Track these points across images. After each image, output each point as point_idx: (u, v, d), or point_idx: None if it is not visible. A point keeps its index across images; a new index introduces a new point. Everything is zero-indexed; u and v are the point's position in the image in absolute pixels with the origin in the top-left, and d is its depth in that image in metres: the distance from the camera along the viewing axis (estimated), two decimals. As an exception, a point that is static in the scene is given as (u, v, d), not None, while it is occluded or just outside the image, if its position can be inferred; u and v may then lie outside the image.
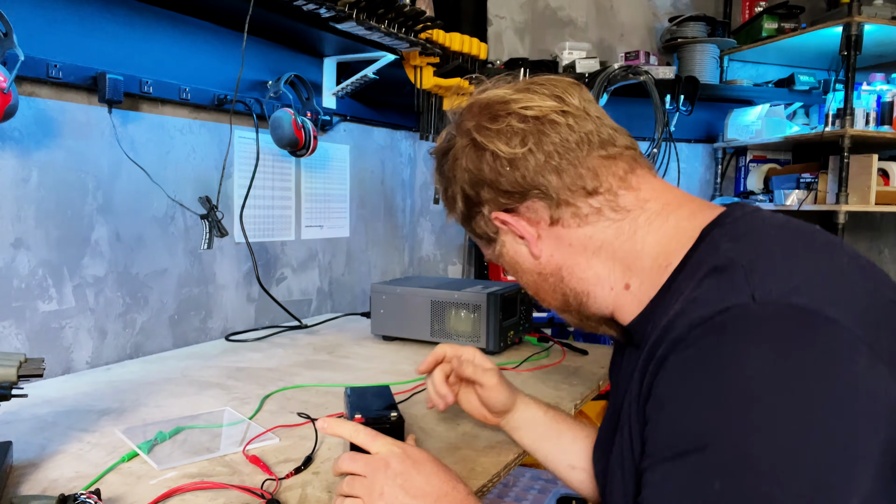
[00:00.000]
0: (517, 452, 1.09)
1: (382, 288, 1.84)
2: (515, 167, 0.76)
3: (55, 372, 1.50)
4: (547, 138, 0.75)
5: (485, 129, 0.78)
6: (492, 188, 0.78)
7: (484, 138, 0.78)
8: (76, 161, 1.53)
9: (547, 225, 0.78)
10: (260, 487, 0.93)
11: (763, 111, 3.07)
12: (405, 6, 1.81)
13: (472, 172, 0.80)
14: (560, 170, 0.75)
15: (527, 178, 0.76)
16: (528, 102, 0.77)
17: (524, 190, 0.77)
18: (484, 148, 0.78)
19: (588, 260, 0.78)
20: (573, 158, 0.75)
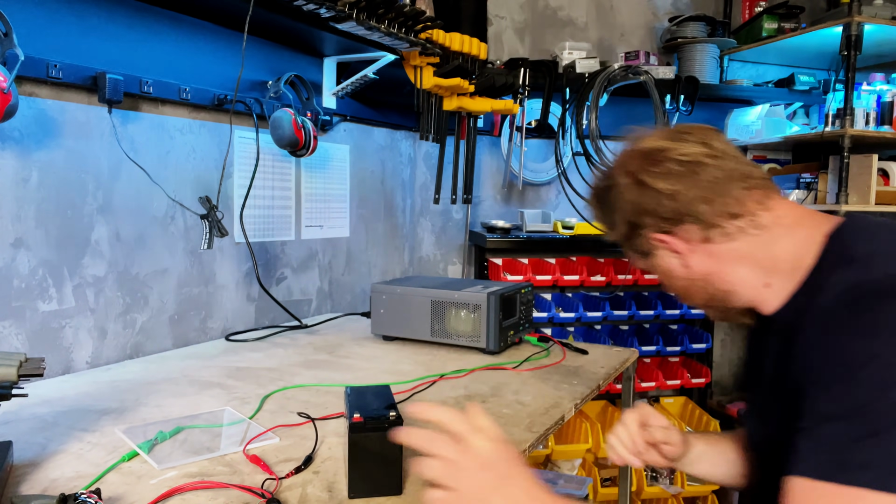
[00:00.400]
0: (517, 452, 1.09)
1: (382, 288, 1.84)
2: (674, 200, 0.96)
3: (55, 372, 1.50)
4: (699, 177, 0.95)
5: (647, 171, 0.99)
6: (653, 216, 0.99)
7: (648, 178, 0.98)
8: (76, 161, 1.53)
9: (699, 242, 0.98)
10: (260, 487, 0.93)
11: (763, 111, 3.06)
12: (405, 6, 1.81)
13: (636, 204, 1.01)
14: (710, 201, 0.95)
15: (683, 208, 0.96)
16: (682, 149, 0.98)
17: (680, 217, 0.97)
18: (648, 186, 0.99)
19: (733, 267, 0.98)
20: (720, 191, 0.95)
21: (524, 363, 1.65)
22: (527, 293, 1.87)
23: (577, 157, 2.81)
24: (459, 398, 1.37)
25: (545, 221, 2.79)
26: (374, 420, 0.92)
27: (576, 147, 2.79)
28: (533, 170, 3.04)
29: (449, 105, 2.31)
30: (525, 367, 1.62)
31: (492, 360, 1.66)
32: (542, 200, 3.15)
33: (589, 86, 2.71)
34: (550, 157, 3.03)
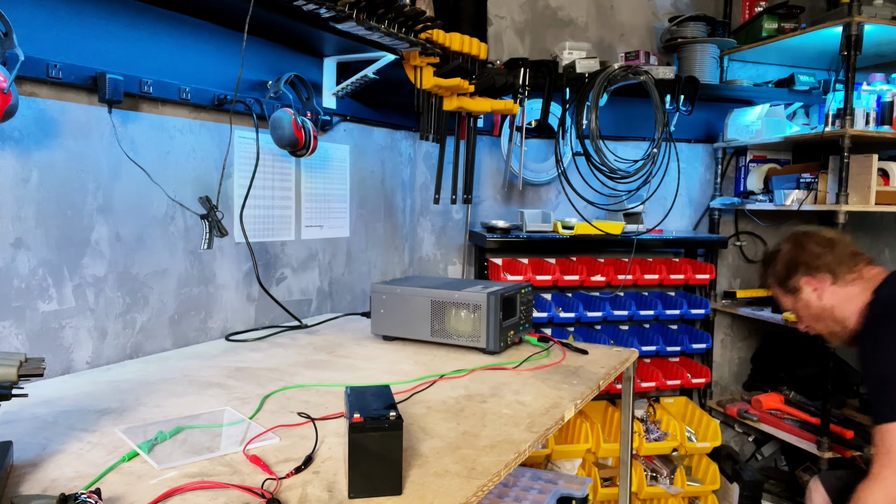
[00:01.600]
0: (517, 452, 1.09)
1: (382, 288, 1.84)
2: (818, 258, 1.85)
3: (55, 372, 1.50)
4: (834, 249, 1.86)
5: (805, 239, 1.91)
6: (805, 266, 1.88)
7: (806, 243, 1.90)
8: (76, 161, 1.53)
9: (829, 285, 1.85)
10: (260, 487, 0.93)
11: (763, 111, 3.06)
12: (405, 6, 1.81)
13: (795, 258, 1.90)
14: (839, 263, 1.84)
15: (822, 264, 1.85)
16: (824, 233, 1.92)
17: (820, 268, 1.86)
18: (804, 248, 1.89)
19: (847, 303, 1.83)
20: (843, 259, 1.85)
21: (524, 363, 1.65)
22: (527, 293, 1.87)
23: (577, 157, 2.81)
24: (459, 398, 1.37)
25: (545, 221, 2.79)
26: (374, 420, 0.92)
27: (576, 147, 2.79)
28: (533, 170, 3.04)
29: (449, 105, 2.31)
30: (525, 367, 1.62)
31: (492, 360, 1.66)
32: (542, 200, 3.16)
33: (589, 86, 2.71)
34: (550, 157, 3.03)
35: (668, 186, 3.04)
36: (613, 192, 2.83)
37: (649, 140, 2.83)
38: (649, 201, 2.96)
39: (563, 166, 2.80)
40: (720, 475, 2.80)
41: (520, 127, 2.84)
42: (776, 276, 1.94)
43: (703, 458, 2.87)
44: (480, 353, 1.72)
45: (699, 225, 3.36)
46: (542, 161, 3.09)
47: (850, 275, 1.82)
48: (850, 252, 1.86)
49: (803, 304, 1.89)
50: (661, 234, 2.95)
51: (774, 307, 3.02)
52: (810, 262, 1.85)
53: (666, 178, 2.88)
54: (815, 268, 1.85)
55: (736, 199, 3.17)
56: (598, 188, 2.81)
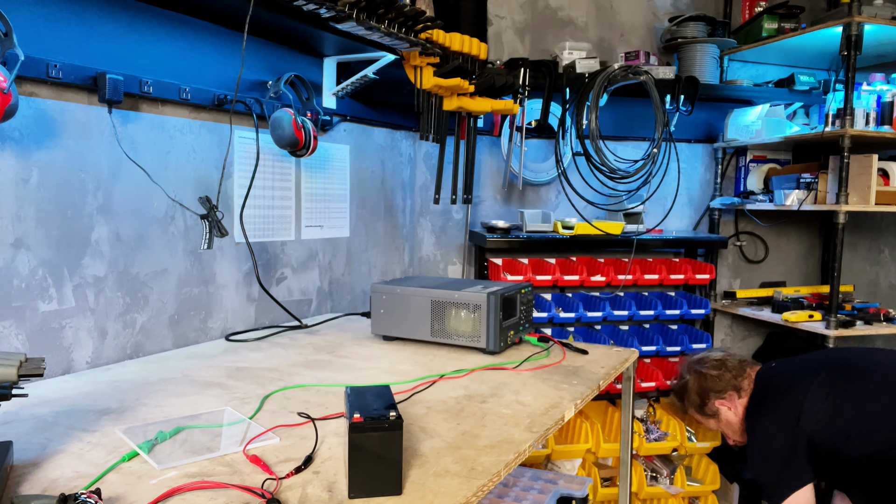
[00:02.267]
0: (517, 452, 1.09)
1: (382, 288, 1.84)
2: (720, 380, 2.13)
3: (55, 372, 1.50)
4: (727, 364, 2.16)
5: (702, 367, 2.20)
6: (713, 390, 2.14)
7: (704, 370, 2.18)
8: (76, 161, 1.53)
9: (738, 399, 2.10)
10: (260, 487, 0.93)
11: (763, 111, 3.06)
12: (405, 6, 1.81)
13: (702, 387, 2.17)
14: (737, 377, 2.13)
15: (727, 384, 2.12)
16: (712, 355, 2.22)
17: (726, 388, 2.12)
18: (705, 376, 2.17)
19: None
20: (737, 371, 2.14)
21: (524, 363, 1.65)
22: (527, 293, 1.87)
23: (577, 157, 2.81)
24: (459, 398, 1.37)
25: (545, 221, 2.79)
26: (374, 420, 0.92)
27: (576, 147, 2.79)
28: (533, 170, 3.04)
29: (449, 105, 2.31)
30: (525, 367, 1.62)
31: (492, 360, 1.66)
32: (542, 200, 3.16)
33: (589, 86, 2.71)
34: (550, 157, 3.03)
35: (668, 186, 3.04)
36: (613, 192, 2.83)
37: (649, 140, 2.83)
38: (649, 201, 2.96)
39: (563, 166, 2.80)
40: (720, 475, 2.80)
41: (520, 127, 2.84)
42: (694, 405, 2.19)
43: (703, 458, 2.87)
44: (480, 353, 1.72)
45: (699, 225, 3.36)
46: (542, 161, 3.09)
47: (745, 381, 2.09)
48: (738, 363, 2.13)
49: (725, 423, 2.14)
50: (661, 234, 2.95)
51: (774, 307, 3.02)
52: (715, 386, 2.11)
53: (666, 178, 2.88)
54: (721, 390, 2.11)
55: (736, 199, 3.17)
56: (598, 188, 2.81)
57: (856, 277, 3.44)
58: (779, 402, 1.94)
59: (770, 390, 2.01)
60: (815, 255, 3.48)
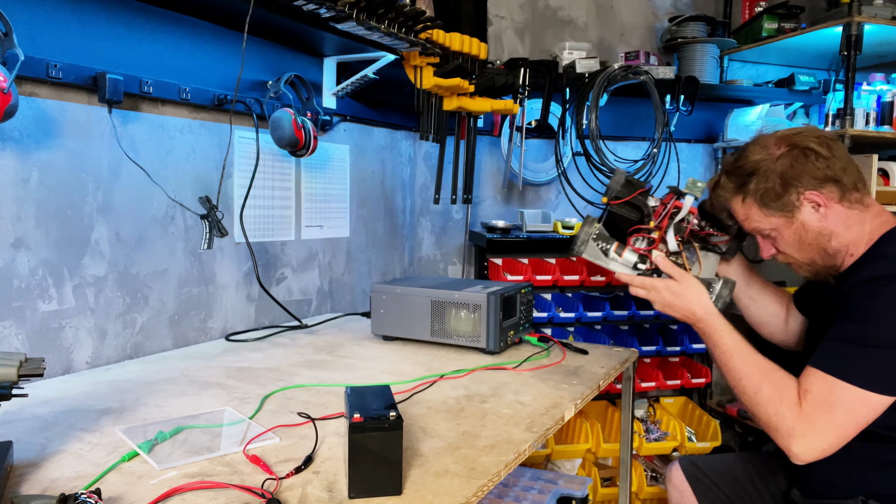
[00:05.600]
0: (517, 452, 1.09)
1: (382, 288, 1.84)
2: (826, 165, 1.37)
3: (55, 372, 1.50)
4: (836, 151, 1.38)
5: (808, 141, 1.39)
6: (808, 176, 1.38)
7: (811, 145, 1.38)
8: (76, 161, 1.53)
9: (835, 202, 1.38)
10: (260, 487, 0.93)
11: (763, 111, 3.06)
12: (405, 6, 1.81)
13: (794, 167, 1.38)
14: (847, 171, 1.38)
15: (831, 173, 1.37)
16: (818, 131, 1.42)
17: (828, 179, 1.37)
18: (810, 152, 1.38)
19: (846, 231, 1.40)
20: (851, 166, 1.39)
21: (524, 363, 1.65)
22: (527, 293, 1.87)
23: (577, 157, 2.81)
24: (459, 398, 1.37)
25: (545, 221, 2.79)
26: (374, 420, 0.92)
27: (576, 147, 2.79)
28: (533, 170, 3.04)
29: (449, 105, 2.31)
30: (525, 367, 1.62)
31: (492, 360, 1.66)
32: (542, 200, 3.16)
33: (589, 86, 2.71)
34: (550, 157, 3.03)
35: (668, 186, 3.03)
36: (613, 192, 2.82)
37: (649, 140, 2.83)
38: (649, 201, 2.96)
39: (563, 166, 2.80)
40: (720, 475, 2.80)
41: (520, 127, 2.84)
42: (765, 191, 1.41)
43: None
44: (480, 353, 1.72)
45: (699, 225, 3.35)
46: (542, 161, 3.09)
47: (856, 194, 1.39)
48: (849, 157, 1.41)
49: (797, 226, 1.41)
50: (661, 234, 2.95)
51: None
52: (816, 172, 1.37)
53: (666, 178, 2.88)
54: (822, 178, 1.37)
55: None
56: (599, 188, 2.81)
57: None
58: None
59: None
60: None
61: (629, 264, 1.49)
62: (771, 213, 1.43)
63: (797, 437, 1.28)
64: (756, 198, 1.43)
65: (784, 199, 1.40)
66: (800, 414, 1.28)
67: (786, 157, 1.39)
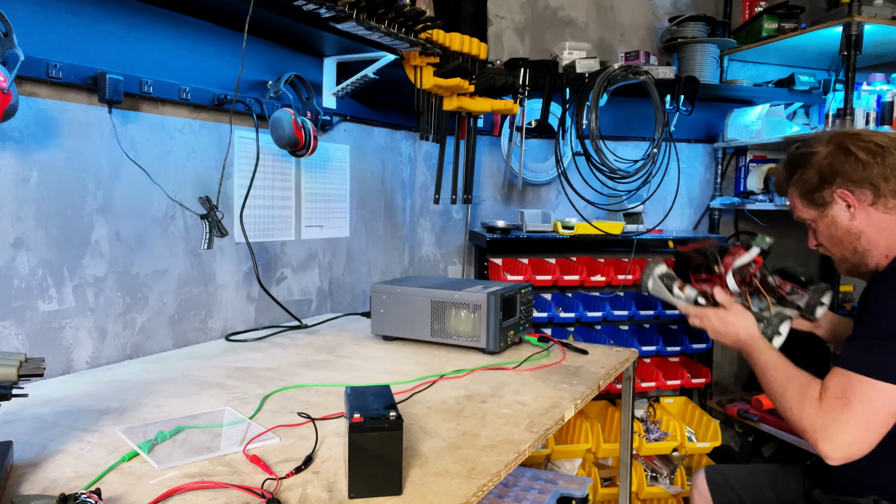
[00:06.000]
0: (517, 452, 1.09)
1: (382, 288, 1.84)
2: (864, 168, 1.42)
3: (55, 372, 1.50)
4: (885, 159, 1.41)
5: (852, 143, 1.44)
6: (844, 176, 1.44)
7: (852, 147, 1.44)
8: (76, 161, 1.53)
9: (867, 205, 1.44)
10: (260, 487, 0.93)
11: (763, 111, 3.06)
12: (405, 6, 1.81)
13: (833, 165, 1.46)
14: (887, 178, 1.41)
15: (868, 176, 1.42)
16: (876, 137, 1.45)
17: (863, 182, 1.43)
18: (850, 153, 1.44)
19: (878, 234, 1.45)
20: (893, 175, 1.41)
21: (524, 363, 1.65)
22: (527, 293, 1.87)
23: (577, 157, 2.81)
24: (459, 398, 1.37)
25: (545, 221, 2.79)
26: (374, 420, 0.92)
27: (576, 147, 2.79)
28: (533, 170, 3.04)
29: (449, 105, 2.31)
30: (525, 367, 1.62)
31: (492, 360, 1.66)
32: (542, 200, 3.16)
33: (589, 86, 2.71)
34: (550, 157, 3.03)
35: (668, 186, 3.04)
36: (613, 192, 2.83)
37: (649, 140, 2.83)
38: (649, 201, 2.96)
39: (563, 166, 2.80)
40: (720, 475, 2.80)
41: (520, 127, 2.84)
42: (805, 184, 1.53)
43: (703, 458, 2.87)
44: (480, 353, 1.72)
45: (699, 225, 3.36)
46: (542, 161, 3.09)
47: (893, 200, 1.43)
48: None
49: (828, 221, 1.51)
50: (661, 234, 2.95)
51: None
52: (853, 174, 1.45)
53: (666, 178, 2.88)
54: (857, 180, 1.45)
55: (736, 199, 3.17)
56: (598, 188, 2.81)
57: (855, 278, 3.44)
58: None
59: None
60: (815, 255, 3.48)
61: (690, 299, 1.62)
62: (808, 205, 1.54)
63: (820, 432, 1.31)
64: (798, 188, 1.55)
65: (820, 194, 1.50)
66: (820, 409, 1.32)
67: (829, 155, 1.48)
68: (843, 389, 1.30)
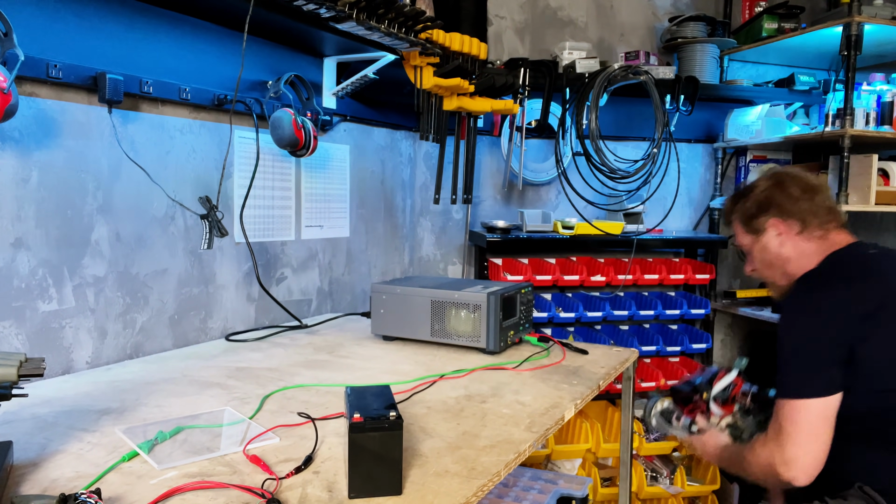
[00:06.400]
0: (517, 452, 1.09)
1: (382, 288, 1.84)
2: (795, 203, 1.64)
3: (55, 372, 1.50)
4: (814, 198, 1.64)
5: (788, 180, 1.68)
6: (777, 207, 1.66)
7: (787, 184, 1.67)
8: (76, 161, 1.53)
9: (795, 234, 1.64)
10: (260, 487, 0.93)
11: (763, 111, 3.06)
12: (405, 6, 1.81)
13: (770, 198, 1.68)
14: (814, 214, 1.62)
15: (797, 211, 1.63)
16: (809, 179, 1.70)
17: (793, 215, 1.64)
18: (784, 189, 1.67)
19: (799, 259, 1.64)
20: (819, 212, 1.63)
21: (524, 363, 1.65)
22: (527, 293, 1.87)
23: (577, 157, 2.81)
24: (459, 398, 1.37)
25: (545, 221, 2.79)
26: (374, 420, 0.92)
27: (576, 147, 2.79)
28: (533, 170, 3.04)
29: (449, 105, 2.31)
30: (525, 367, 1.62)
31: (492, 360, 1.66)
32: (542, 200, 3.16)
33: (589, 86, 2.71)
34: (550, 157, 3.03)
35: (668, 186, 3.04)
36: (613, 192, 2.83)
37: (649, 140, 2.83)
38: (649, 201, 2.96)
39: (563, 166, 2.80)
40: (720, 475, 2.80)
41: (520, 127, 2.84)
42: (744, 212, 1.75)
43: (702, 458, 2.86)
44: (480, 353, 1.72)
45: (699, 225, 3.36)
46: (542, 161, 3.09)
47: (818, 231, 1.64)
48: (827, 206, 1.67)
49: (761, 246, 1.72)
50: (661, 234, 2.95)
51: (774, 307, 3.02)
52: (784, 205, 1.67)
53: (666, 178, 2.88)
54: (788, 212, 1.66)
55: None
56: (598, 188, 2.81)
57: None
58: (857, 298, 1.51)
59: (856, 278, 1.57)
60: (815, 255, 3.48)
61: (685, 428, 1.80)
62: (746, 231, 1.75)
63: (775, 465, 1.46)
64: (739, 215, 1.76)
65: (756, 221, 1.71)
66: (765, 446, 1.50)
67: (768, 189, 1.71)
68: (775, 418, 1.48)
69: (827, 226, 1.64)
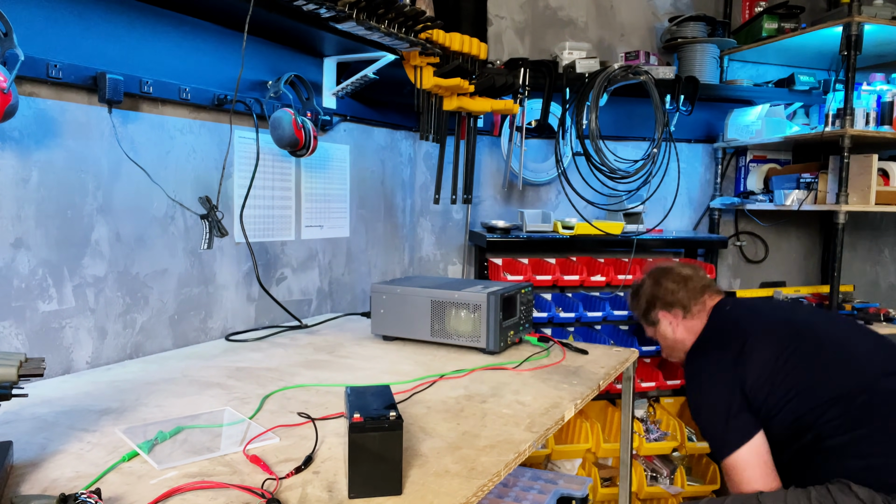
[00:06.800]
0: (517, 452, 1.09)
1: (382, 288, 1.84)
2: (673, 295, 2.01)
3: (55, 372, 1.50)
4: (687, 286, 2.01)
5: (662, 277, 2.06)
6: (661, 301, 2.04)
7: (663, 280, 2.05)
8: (76, 161, 1.53)
9: (681, 319, 2.01)
10: (260, 487, 0.93)
11: (763, 111, 3.06)
12: (405, 6, 1.81)
13: (653, 294, 2.06)
14: (690, 299, 1.99)
15: (677, 301, 2.01)
16: (681, 270, 2.06)
17: (674, 304, 2.01)
18: (661, 285, 2.05)
19: (693, 336, 1.97)
20: (695, 296, 2.00)
21: (524, 363, 1.65)
22: (527, 293, 1.87)
23: (577, 157, 2.81)
24: (459, 398, 1.37)
25: (545, 221, 2.79)
26: (374, 420, 0.92)
27: (576, 147, 2.79)
28: (533, 170, 3.04)
29: (449, 105, 2.31)
30: (525, 367, 1.62)
31: (492, 360, 1.66)
32: (542, 200, 3.16)
33: (589, 86, 2.71)
34: (550, 157, 3.03)
35: (668, 186, 3.04)
36: (613, 192, 2.83)
37: (649, 140, 2.83)
38: (649, 201, 2.96)
39: (563, 166, 2.80)
40: (720, 475, 2.80)
41: (520, 127, 2.84)
42: (639, 309, 2.12)
43: (703, 458, 2.87)
44: (480, 353, 1.72)
45: (699, 225, 3.36)
46: (542, 161, 3.09)
47: (697, 307, 1.98)
48: (700, 286, 2.01)
49: (661, 334, 2.07)
50: (661, 234, 2.95)
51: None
52: (666, 298, 2.02)
53: (666, 178, 2.88)
54: (670, 303, 2.01)
55: (736, 200, 3.17)
56: (598, 188, 2.81)
57: (856, 277, 3.44)
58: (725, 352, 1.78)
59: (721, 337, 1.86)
60: (815, 255, 3.48)
61: None
62: (646, 324, 2.13)
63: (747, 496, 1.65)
64: (637, 312, 2.15)
65: (650, 315, 2.08)
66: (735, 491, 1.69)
67: (649, 287, 2.08)
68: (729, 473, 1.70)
69: (705, 301, 1.98)
